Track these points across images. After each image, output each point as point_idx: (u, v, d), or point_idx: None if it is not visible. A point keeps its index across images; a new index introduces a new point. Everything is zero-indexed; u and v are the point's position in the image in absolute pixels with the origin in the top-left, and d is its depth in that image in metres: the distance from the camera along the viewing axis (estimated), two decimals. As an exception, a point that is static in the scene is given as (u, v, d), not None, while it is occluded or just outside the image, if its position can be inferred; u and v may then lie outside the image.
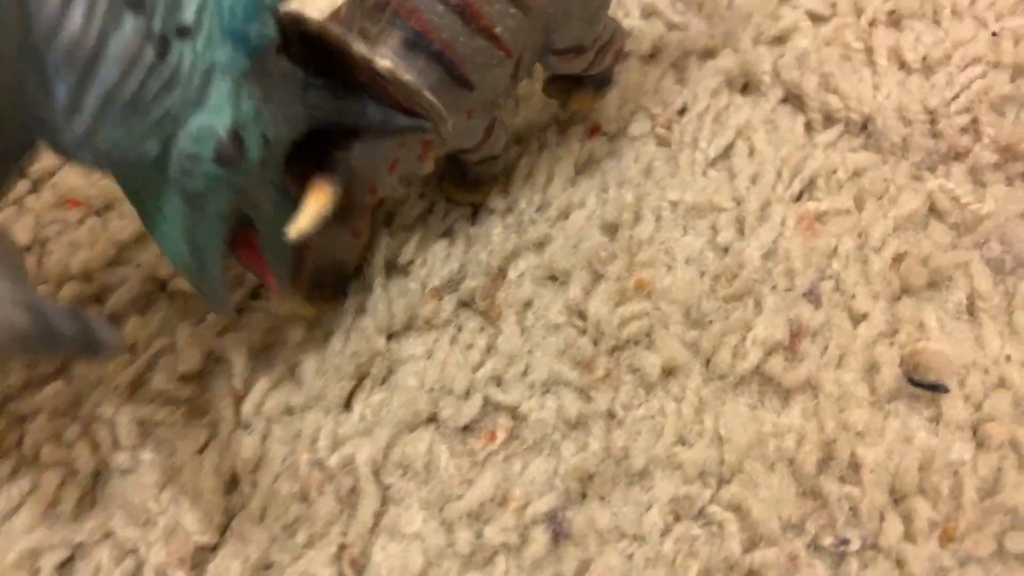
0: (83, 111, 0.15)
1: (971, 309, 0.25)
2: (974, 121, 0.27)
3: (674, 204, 0.26)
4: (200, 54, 0.16)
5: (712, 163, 0.27)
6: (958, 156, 0.27)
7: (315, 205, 0.20)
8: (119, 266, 0.25)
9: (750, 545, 0.21)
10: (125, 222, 0.26)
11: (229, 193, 0.18)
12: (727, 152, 0.27)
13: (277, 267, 0.21)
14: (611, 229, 0.26)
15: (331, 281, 0.24)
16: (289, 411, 0.23)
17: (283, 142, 0.19)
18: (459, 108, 0.22)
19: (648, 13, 0.29)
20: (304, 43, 0.19)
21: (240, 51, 0.17)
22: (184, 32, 0.16)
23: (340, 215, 0.21)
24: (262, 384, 0.23)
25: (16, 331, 0.14)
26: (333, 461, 0.22)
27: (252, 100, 0.17)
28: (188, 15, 0.16)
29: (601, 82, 0.26)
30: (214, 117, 0.17)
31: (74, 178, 0.27)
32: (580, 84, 0.26)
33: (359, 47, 0.19)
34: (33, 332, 0.14)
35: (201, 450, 0.23)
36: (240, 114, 0.17)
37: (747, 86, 0.29)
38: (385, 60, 0.19)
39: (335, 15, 0.21)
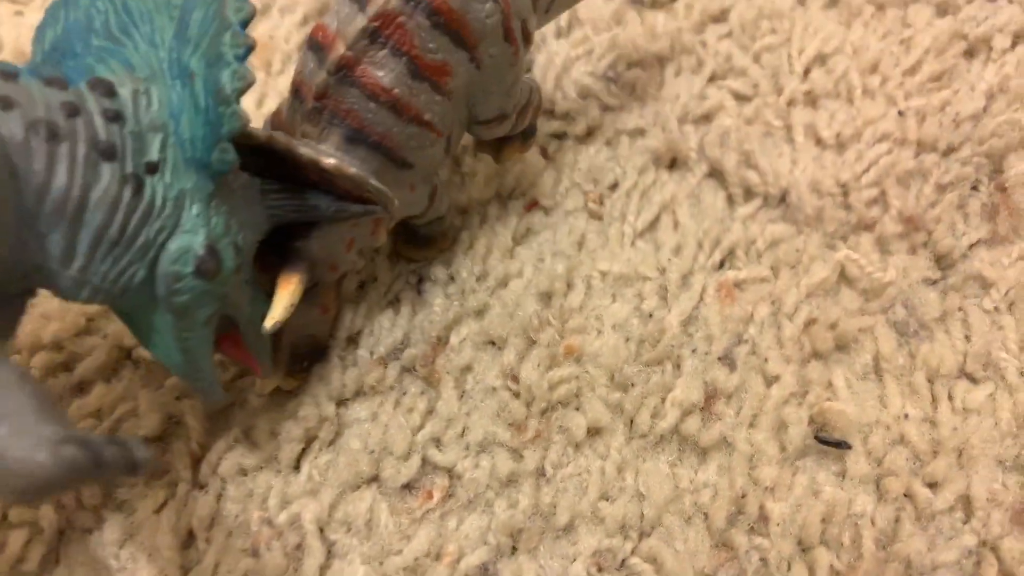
0: (77, 255, 0.18)
1: (877, 370, 0.27)
2: (882, 194, 0.29)
3: (603, 274, 0.28)
4: (169, 185, 0.19)
5: (640, 235, 0.29)
6: (867, 227, 0.29)
7: (286, 296, 0.22)
8: (87, 336, 0.27)
9: (665, 595, 0.23)
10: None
11: (212, 300, 0.20)
12: (653, 225, 0.29)
13: (260, 355, 0.23)
14: (545, 297, 0.28)
15: (307, 353, 0.26)
16: (243, 472, 0.25)
17: (250, 245, 0.22)
18: (402, 185, 0.24)
19: (585, 95, 0.32)
20: (254, 152, 0.21)
21: (204, 176, 0.19)
22: (153, 168, 0.19)
23: (307, 296, 0.23)
24: (218, 446, 0.25)
25: (74, 467, 0.16)
26: (282, 519, 0.24)
27: (220, 216, 0.20)
28: (154, 153, 0.19)
29: (526, 134, 0.28)
30: (190, 237, 0.19)
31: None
32: (508, 139, 0.28)
33: (305, 151, 0.21)
34: (86, 465, 0.16)
35: (159, 509, 0.24)
36: (212, 230, 0.20)
37: (674, 162, 0.31)
38: (330, 159, 0.21)
39: (277, 119, 0.24)
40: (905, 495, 0.24)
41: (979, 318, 0.27)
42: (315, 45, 0.22)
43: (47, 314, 0.27)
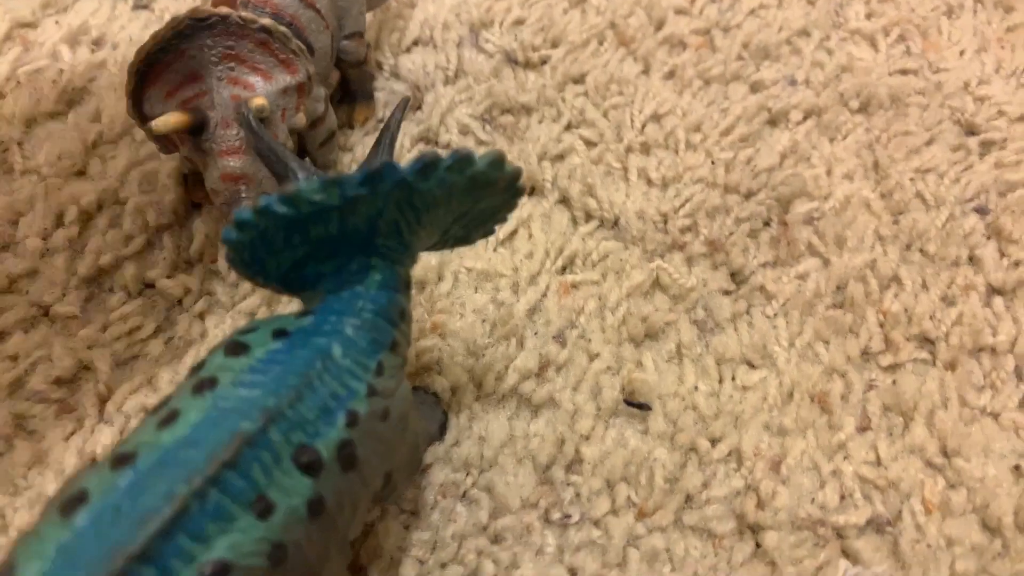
0: None
1: (678, 355, 0.33)
2: (693, 223, 0.37)
3: (469, 270, 0.34)
4: None
5: (501, 243, 0.36)
6: (679, 247, 0.36)
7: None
8: (9, 295, 0.31)
9: (496, 516, 0.28)
10: (18, 260, 0.32)
11: None
12: (512, 236, 0.36)
13: None
14: (419, 285, 0.33)
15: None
16: (145, 410, 0.29)
17: None
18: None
19: (464, 131, 0.39)
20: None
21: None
22: None
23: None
24: (123, 388, 0.29)
25: None
26: (176, 448, 0.28)
27: None
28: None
29: (367, 95, 0.38)
30: None
31: (-20, 225, 0.33)
32: (354, 100, 0.37)
33: (244, 13, 0.28)
34: None
35: (67, 437, 0.28)
36: None
37: (533, 190, 0.38)
38: (265, 19, 0.28)
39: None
40: (691, 449, 0.31)
41: (760, 320, 0.35)
42: None
43: (-23, 272, 0.31)
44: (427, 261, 0.34)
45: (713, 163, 0.39)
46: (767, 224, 0.38)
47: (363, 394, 0.20)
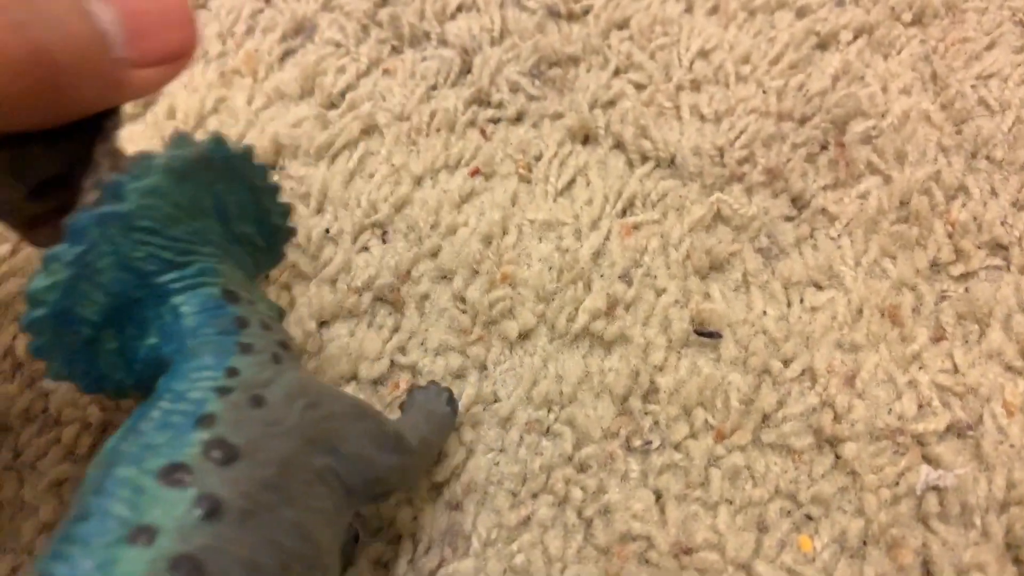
0: None
1: (745, 284, 0.34)
2: (750, 154, 0.37)
3: (532, 222, 0.36)
4: None
5: (560, 193, 0.37)
6: (737, 179, 0.37)
7: None
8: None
9: (580, 447, 0.30)
10: None
11: None
12: (570, 185, 0.37)
13: None
14: (486, 240, 0.35)
15: None
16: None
17: None
18: None
19: (514, 89, 0.40)
20: None
21: None
22: None
23: None
24: (227, 359, 0.32)
25: None
26: (279, 407, 0.31)
27: None
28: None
29: None
30: None
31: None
32: None
33: None
34: None
35: (182, 406, 0.31)
36: None
37: (586, 138, 0.39)
38: None
39: None
40: (764, 371, 0.32)
41: (825, 242, 0.35)
42: None
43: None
44: (491, 216, 0.35)
45: (765, 92, 0.39)
46: (824, 147, 0.38)
47: (213, 398, 0.19)
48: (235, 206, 0.23)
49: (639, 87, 0.40)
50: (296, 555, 0.18)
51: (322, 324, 0.33)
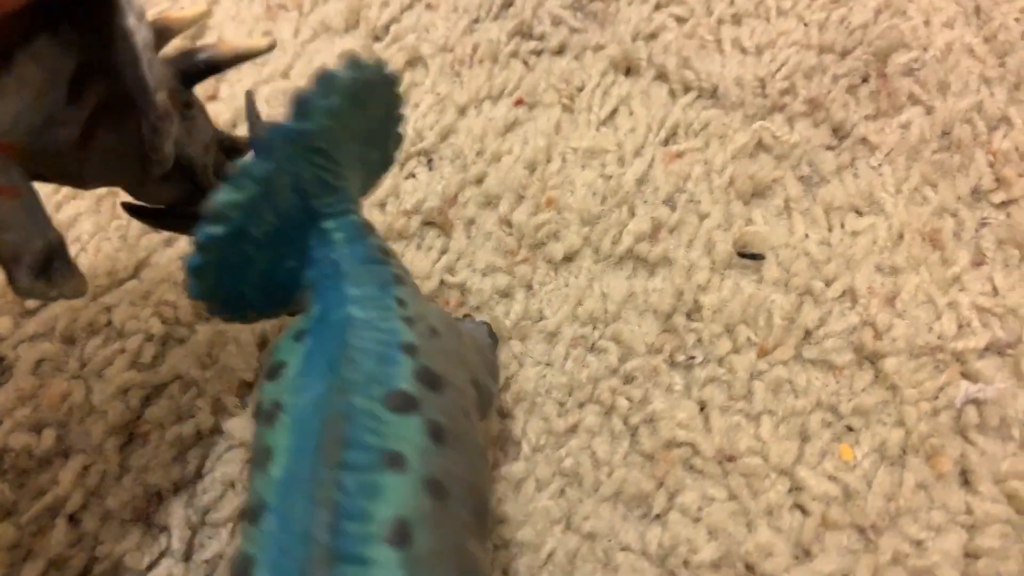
0: None
1: (787, 209, 0.35)
2: (791, 85, 0.37)
3: (575, 149, 0.36)
4: None
5: (603, 122, 0.37)
6: (779, 109, 0.37)
7: None
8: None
9: (625, 360, 0.31)
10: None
11: None
12: (613, 115, 0.37)
13: None
14: (531, 166, 0.36)
15: None
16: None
17: None
18: None
19: (557, 22, 0.40)
20: None
21: None
22: None
23: None
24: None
25: None
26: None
27: None
28: None
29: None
30: None
31: None
32: None
33: None
34: None
35: (240, 320, 0.32)
36: None
37: (628, 70, 0.39)
38: None
39: None
40: (806, 291, 0.32)
41: (866, 170, 0.35)
42: None
43: (143, 187, 0.35)
44: (535, 144, 0.36)
45: (806, 25, 0.39)
46: (865, 80, 0.38)
47: (404, 327, 0.19)
48: (374, 131, 0.23)
49: (680, 20, 0.40)
50: (482, 474, 0.20)
51: (372, 245, 0.34)
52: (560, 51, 0.40)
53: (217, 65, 0.25)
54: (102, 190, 0.35)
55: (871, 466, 0.28)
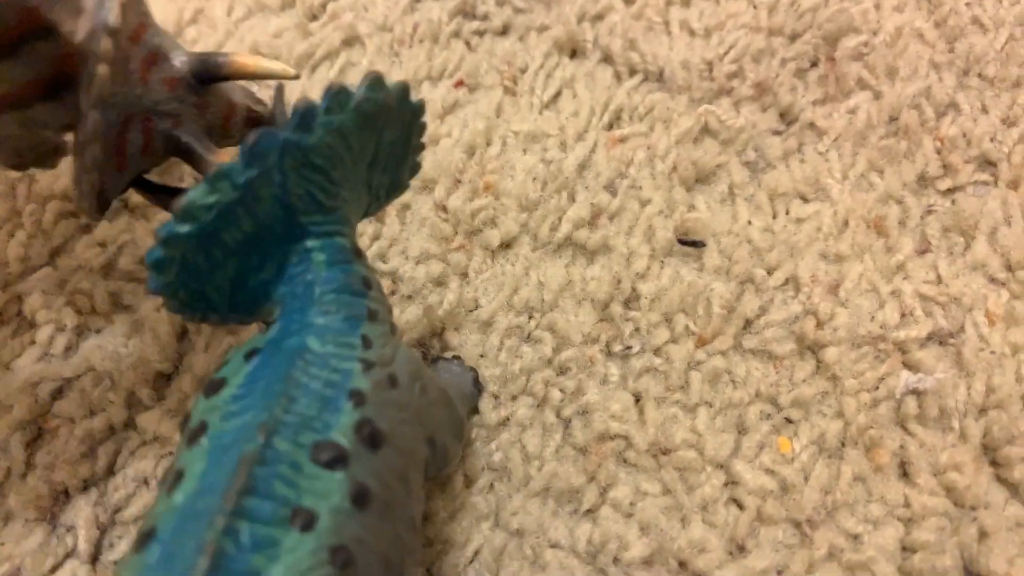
0: None
1: (731, 196, 0.34)
2: (739, 68, 0.37)
3: (516, 133, 0.35)
4: None
5: (545, 106, 0.36)
6: (726, 92, 0.36)
7: None
8: (94, 190, 0.33)
9: (559, 350, 0.30)
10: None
11: None
12: (556, 98, 0.36)
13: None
14: (470, 150, 0.34)
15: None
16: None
17: None
18: None
19: (501, 2, 0.39)
20: None
21: None
22: None
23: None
24: (204, 263, 0.31)
25: None
26: (257, 311, 0.30)
27: None
28: None
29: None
30: None
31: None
32: None
33: None
34: None
35: (158, 309, 0.30)
36: None
37: (574, 53, 0.38)
38: None
39: None
40: (747, 279, 0.31)
41: (812, 156, 0.35)
42: None
43: (57, 173, 0.33)
44: (474, 127, 0.35)
45: (755, 8, 0.38)
46: (814, 64, 0.37)
47: (359, 371, 0.18)
48: (387, 154, 0.22)
49: (627, 1, 0.39)
50: (410, 548, 0.18)
51: (301, 231, 0.32)
52: (503, 32, 0.38)
53: (235, 76, 0.24)
54: (15, 174, 0.33)
55: (809, 459, 0.28)
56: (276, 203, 0.19)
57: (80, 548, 0.26)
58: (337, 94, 0.19)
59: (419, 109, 0.22)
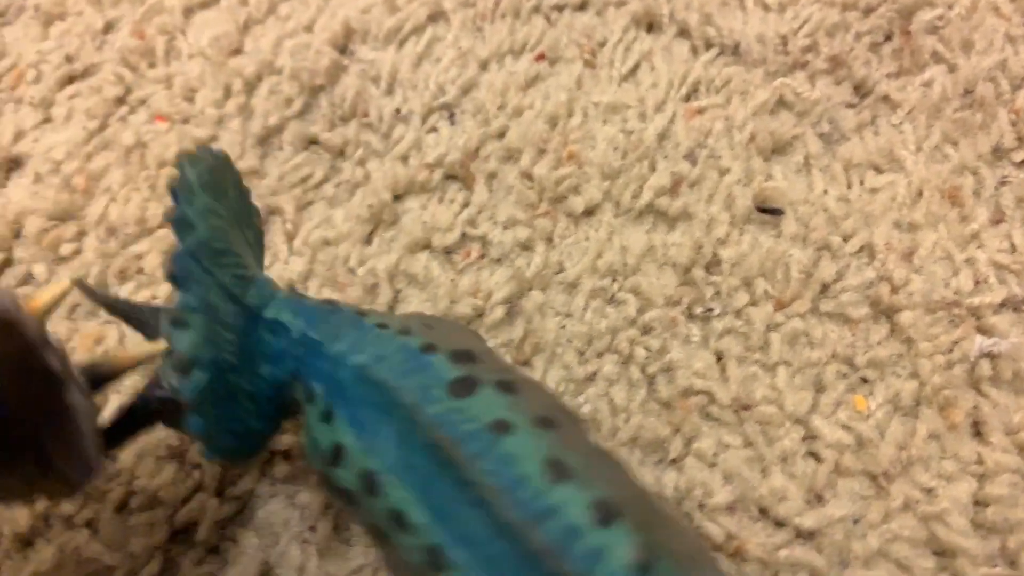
0: None
1: (806, 166, 0.35)
2: (813, 42, 0.37)
3: (596, 104, 0.36)
4: None
5: (624, 78, 0.37)
6: (801, 66, 0.37)
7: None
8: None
9: (643, 311, 0.31)
10: (200, 128, 0.36)
11: None
12: (634, 70, 0.38)
13: None
14: (552, 121, 0.36)
15: None
16: (327, 243, 0.33)
17: None
18: None
19: (578, -23, 0.40)
20: None
21: None
22: None
23: None
24: (306, 226, 0.34)
25: None
26: (361, 271, 0.32)
27: None
28: None
29: None
30: None
31: (160, 99, 0.37)
32: None
33: None
34: None
35: (267, 268, 0.33)
36: None
37: (651, 26, 0.39)
38: None
39: None
40: (824, 246, 0.32)
41: (886, 128, 0.35)
42: None
43: (167, 141, 0.36)
44: (556, 98, 0.36)
45: (830, -18, 0.39)
46: (888, 37, 0.38)
47: (406, 339, 0.20)
48: (238, 211, 0.24)
49: (703, -23, 0.40)
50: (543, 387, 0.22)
51: (396, 197, 0.34)
52: (582, 6, 0.40)
53: (118, 374, 0.22)
54: (131, 140, 0.36)
55: (884, 416, 0.29)
56: (226, 300, 0.20)
57: (207, 483, 0.28)
58: (182, 184, 0.20)
59: (225, 158, 0.23)
